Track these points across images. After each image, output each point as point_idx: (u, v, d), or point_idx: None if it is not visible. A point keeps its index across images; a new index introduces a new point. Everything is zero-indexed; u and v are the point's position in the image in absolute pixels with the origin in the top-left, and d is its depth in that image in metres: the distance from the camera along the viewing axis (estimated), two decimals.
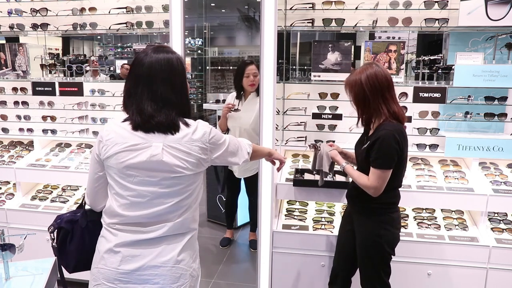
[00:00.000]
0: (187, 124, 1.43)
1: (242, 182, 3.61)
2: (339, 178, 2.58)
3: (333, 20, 2.87)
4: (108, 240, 1.42)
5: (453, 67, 2.59)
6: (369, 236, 2.05)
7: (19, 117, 3.35)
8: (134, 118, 1.39)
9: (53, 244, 1.59)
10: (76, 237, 1.58)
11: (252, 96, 3.29)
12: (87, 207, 1.61)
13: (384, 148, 1.87)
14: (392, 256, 2.09)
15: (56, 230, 1.59)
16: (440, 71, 2.73)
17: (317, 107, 2.91)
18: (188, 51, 7.87)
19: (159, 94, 1.38)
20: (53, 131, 3.32)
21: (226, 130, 3.37)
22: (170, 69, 1.41)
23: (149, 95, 1.38)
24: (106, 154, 1.40)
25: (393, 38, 3.19)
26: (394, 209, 2.06)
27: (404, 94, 2.79)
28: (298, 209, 2.95)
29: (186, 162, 1.40)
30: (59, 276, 1.65)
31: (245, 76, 3.24)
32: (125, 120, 1.43)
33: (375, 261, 2.07)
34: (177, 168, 1.38)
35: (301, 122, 2.98)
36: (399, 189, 2.09)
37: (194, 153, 1.41)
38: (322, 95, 2.89)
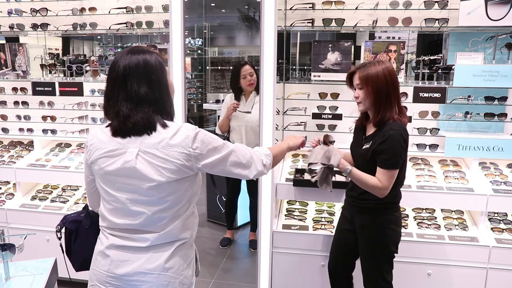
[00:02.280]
0: (165, 126, 1.34)
1: (243, 183, 3.61)
2: (338, 178, 2.58)
3: (333, 20, 2.87)
4: (101, 243, 1.43)
5: (453, 67, 2.59)
6: (375, 236, 2.04)
7: (19, 117, 3.35)
8: (113, 122, 1.35)
9: (60, 242, 1.62)
10: (80, 237, 1.60)
11: (253, 95, 3.31)
12: (90, 208, 1.62)
13: (395, 148, 1.85)
14: (396, 254, 2.10)
15: (62, 229, 1.63)
16: (440, 71, 2.73)
17: (317, 107, 2.91)
18: (188, 51, 7.86)
19: (133, 92, 1.32)
20: (53, 131, 3.32)
21: (227, 132, 3.37)
22: (145, 67, 1.34)
23: (125, 95, 1.33)
24: (90, 159, 1.40)
25: (393, 38, 3.19)
26: (397, 208, 2.06)
27: (404, 94, 2.79)
28: (298, 209, 2.95)
29: (163, 170, 1.31)
30: (68, 275, 1.66)
31: (241, 77, 3.28)
32: (108, 125, 1.39)
33: (379, 261, 2.06)
34: (151, 176, 1.31)
35: (301, 122, 2.98)
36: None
37: (172, 159, 1.31)
38: (322, 95, 2.89)
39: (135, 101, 1.33)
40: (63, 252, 1.64)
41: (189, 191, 1.41)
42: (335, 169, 1.98)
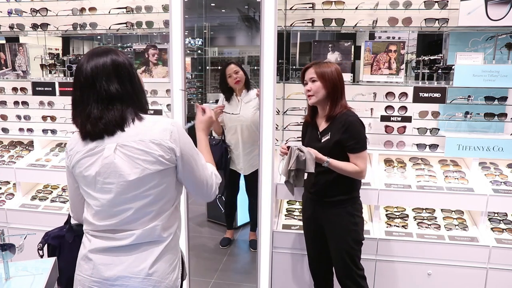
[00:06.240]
0: (141, 119, 1.34)
1: (241, 182, 3.61)
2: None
3: (333, 20, 2.87)
4: (84, 246, 1.41)
5: (453, 67, 2.59)
6: (346, 227, 2.12)
7: (19, 117, 3.35)
8: (83, 126, 1.33)
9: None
10: (64, 252, 1.58)
11: (244, 93, 3.31)
12: (72, 222, 1.59)
13: (359, 131, 2.03)
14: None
15: (44, 247, 1.60)
16: (440, 71, 2.73)
17: None
18: (188, 51, 7.86)
19: (103, 91, 1.31)
20: (53, 131, 3.32)
21: (221, 134, 3.37)
22: (113, 64, 1.34)
23: (95, 97, 1.31)
24: (71, 164, 1.39)
25: (393, 38, 3.18)
26: (359, 196, 2.17)
27: (404, 94, 2.79)
28: (298, 209, 2.95)
29: (142, 162, 1.30)
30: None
31: (227, 76, 3.29)
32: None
33: (353, 249, 2.13)
34: (128, 171, 1.30)
35: (301, 122, 2.97)
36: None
37: (150, 150, 1.31)
38: None
39: (106, 100, 1.31)
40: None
41: (172, 186, 1.40)
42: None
